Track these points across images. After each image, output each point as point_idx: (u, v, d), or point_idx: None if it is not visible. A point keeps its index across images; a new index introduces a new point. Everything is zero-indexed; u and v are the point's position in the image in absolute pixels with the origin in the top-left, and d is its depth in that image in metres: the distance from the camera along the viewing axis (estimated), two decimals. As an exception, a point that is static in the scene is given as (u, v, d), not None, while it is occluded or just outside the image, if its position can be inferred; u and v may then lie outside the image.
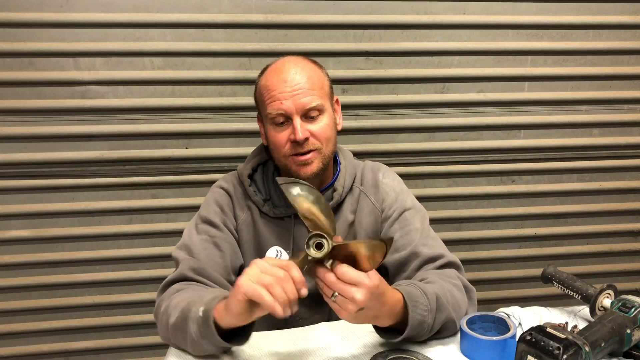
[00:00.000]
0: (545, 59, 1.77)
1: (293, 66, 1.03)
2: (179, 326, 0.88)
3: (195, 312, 0.84)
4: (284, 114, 1.00)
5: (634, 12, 1.76)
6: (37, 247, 1.69)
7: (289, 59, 1.06)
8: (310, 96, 1.00)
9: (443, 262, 1.03)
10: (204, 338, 0.84)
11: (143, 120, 1.64)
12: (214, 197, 1.12)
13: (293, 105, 0.99)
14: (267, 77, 1.04)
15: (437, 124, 1.77)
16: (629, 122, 1.86)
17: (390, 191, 1.12)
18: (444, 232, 1.84)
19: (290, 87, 1.00)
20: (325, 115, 1.03)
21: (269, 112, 1.02)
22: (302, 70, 1.02)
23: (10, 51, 1.54)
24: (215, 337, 0.82)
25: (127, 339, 1.78)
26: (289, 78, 1.00)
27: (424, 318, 0.85)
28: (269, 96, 1.02)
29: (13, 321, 1.72)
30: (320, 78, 1.05)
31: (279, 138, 1.03)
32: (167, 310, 0.93)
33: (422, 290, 0.88)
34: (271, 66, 1.07)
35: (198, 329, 0.84)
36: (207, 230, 1.06)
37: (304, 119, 1.01)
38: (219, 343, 0.83)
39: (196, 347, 0.87)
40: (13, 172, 1.63)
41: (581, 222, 1.93)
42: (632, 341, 0.84)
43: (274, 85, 1.01)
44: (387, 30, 1.68)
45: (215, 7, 1.60)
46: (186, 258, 1.02)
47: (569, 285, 1.02)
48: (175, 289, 0.97)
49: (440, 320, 0.90)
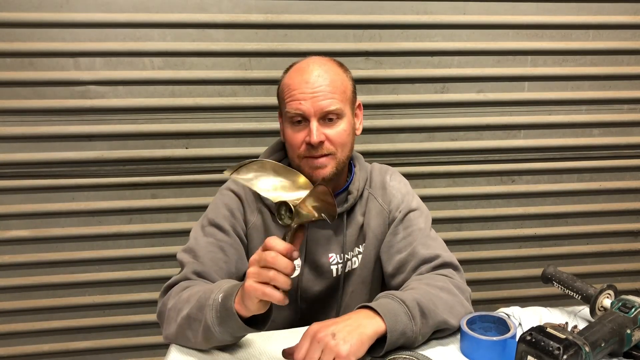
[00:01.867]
0: (545, 59, 1.77)
1: (317, 67, 1.01)
2: (193, 317, 0.87)
3: (215, 298, 0.83)
4: (302, 114, 0.99)
5: (634, 12, 1.76)
6: (37, 247, 1.69)
7: (314, 60, 1.04)
8: (330, 99, 0.99)
9: (439, 262, 1.03)
10: (221, 324, 0.82)
11: (143, 120, 1.64)
12: (223, 200, 1.09)
13: (312, 107, 0.98)
14: (291, 75, 1.03)
15: (437, 124, 1.77)
16: (629, 122, 1.86)
17: (397, 193, 1.12)
18: (444, 232, 1.84)
19: (310, 89, 0.98)
20: (343, 121, 1.02)
21: (288, 110, 1.01)
22: (326, 73, 1.01)
23: (10, 51, 1.54)
24: (236, 320, 0.80)
25: (127, 339, 1.78)
26: (311, 79, 0.99)
27: (404, 328, 0.85)
28: (289, 95, 1.01)
29: (13, 321, 1.72)
30: (344, 82, 1.04)
31: (295, 138, 1.02)
32: (177, 305, 0.92)
33: (401, 299, 0.88)
34: (296, 65, 1.06)
35: (216, 315, 0.82)
36: (214, 234, 1.04)
37: (322, 122, 1.00)
38: (238, 327, 0.81)
39: (209, 336, 0.85)
40: (13, 172, 1.63)
41: (581, 222, 1.93)
42: (632, 341, 0.84)
43: (295, 85, 1.00)
44: (387, 30, 1.68)
45: (215, 7, 1.60)
46: (191, 261, 1.01)
47: (569, 286, 1.02)
48: (182, 287, 0.96)
49: (430, 325, 0.89)
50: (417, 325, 0.86)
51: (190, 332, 0.89)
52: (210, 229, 1.05)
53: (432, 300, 0.91)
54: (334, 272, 1.09)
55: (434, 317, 0.89)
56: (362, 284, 1.12)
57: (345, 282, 1.11)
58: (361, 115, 1.12)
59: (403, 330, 0.84)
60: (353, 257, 1.11)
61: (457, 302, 0.95)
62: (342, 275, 1.09)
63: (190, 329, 0.89)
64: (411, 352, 0.88)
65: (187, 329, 0.89)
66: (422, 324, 0.87)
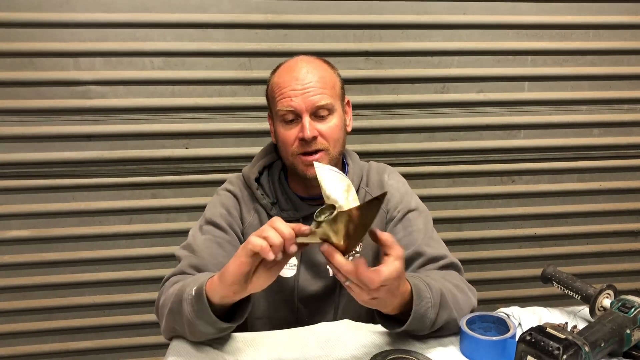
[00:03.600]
0: (545, 59, 1.77)
1: (305, 65, 1.03)
2: (175, 311, 0.88)
3: (189, 292, 0.85)
4: (294, 111, 1.00)
5: (634, 12, 1.76)
6: (37, 247, 1.69)
7: (302, 58, 1.06)
8: (320, 94, 1.00)
9: (445, 262, 1.04)
10: (198, 318, 0.83)
11: (143, 120, 1.64)
12: (220, 199, 1.11)
13: (303, 103, 1.00)
14: (280, 75, 1.05)
15: (437, 124, 1.77)
16: (629, 122, 1.86)
17: (395, 192, 1.13)
18: (444, 232, 1.84)
19: (301, 85, 1.00)
20: (334, 116, 1.04)
21: (279, 109, 1.02)
22: (314, 70, 1.03)
23: (10, 51, 1.55)
24: (209, 314, 0.81)
25: (127, 339, 1.78)
26: (300, 76, 1.01)
27: (426, 312, 0.86)
28: (280, 93, 1.02)
29: (13, 321, 1.72)
30: (332, 78, 1.05)
31: (287, 136, 1.03)
32: (165, 301, 0.93)
33: (427, 284, 0.89)
34: (284, 64, 1.07)
35: (192, 309, 0.83)
36: (211, 231, 1.06)
37: (314, 117, 1.01)
38: (213, 321, 0.82)
39: (193, 329, 0.86)
40: (13, 172, 1.63)
41: (581, 222, 1.93)
42: (631, 341, 0.84)
43: (285, 83, 1.02)
44: (387, 30, 1.68)
45: (215, 7, 1.60)
46: (188, 255, 1.02)
47: (569, 286, 1.02)
48: (172, 282, 0.97)
49: (443, 318, 0.90)
50: (435, 314, 0.87)
51: (178, 327, 0.90)
52: (207, 227, 1.07)
53: (451, 296, 0.93)
54: (331, 271, 1.09)
55: (449, 313, 0.91)
56: None
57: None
58: (350, 112, 1.13)
59: (424, 313, 0.85)
60: (350, 257, 1.11)
61: (467, 303, 0.97)
62: None
63: (176, 324, 0.90)
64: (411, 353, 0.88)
65: (175, 324, 0.90)
66: (438, 315, 0.88)
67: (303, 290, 1.09)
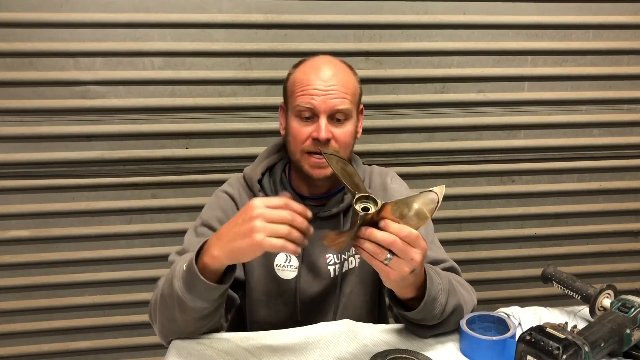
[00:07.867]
0: (545, 59, 1.77)
1: (332, 67, 1.04)
2: (166, 296, 0.87)
3: (180, 268, 0.85)
4: (312, 109, 1.00)
5: (634, 12, 1.76)
6: (37, 247, 1.69)
7: (329, 59, 1.07)
8: (342, 99, 1.01)
9: (446, 266, 1.05)
10: (189, 291, 0.82)
11: (143, 120, 1.64)
12: (217, 202, 1.11)
13: (323, 104, 1.00)
14: (305, 70, 1.04)
15: (437, 124, 1.77)
16: (629, 122, 1.86)
17: (398, 196, 1.13)
18: (444, 232, 1.84)
19: (324, 86, 1.00)
20: (350, 122, 1.04)
21: (298, 103, 1.02)
22: (340, 73, 1.03)
23: (10, 51, 1.54)
24: (199, 278, 0.81)
25: (127, 339, 1.78)
26: (326, 77, 1.01)
27: (437, 295, 0.86)
28: (302, 89, 1.02)
29: (13, 321, 1.72)
30: (354, 84, 1.06)
31: (300, 132, 1.03)
32: (156, 293, 0.93)
33: (435, 271, 0.90)
34: (309, 60, 1.07)
35: (184, 283, 0.83)
36: (205, 234, 1.05)
37: (330, 120, 1.01)
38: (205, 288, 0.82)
39: (183, 308, 0.85)
40: (13, 172, 1.63)
41: (581, 222, 1.93)
42: (631, 341, 0.84)
43: (309, 80, 1.01)
44: (387, 30, 1.68)
45: (215, 7, 1.60)
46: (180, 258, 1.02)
47: (569, 285, 1.02)
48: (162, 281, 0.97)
49: (452, 304, 0.90)
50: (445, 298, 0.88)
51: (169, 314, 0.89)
52: (202, 229, 1.07)
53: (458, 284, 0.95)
54: (332, 272, 1.09)
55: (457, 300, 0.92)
56: (360, 284, 1.12)
57: (342, 282, 1.11)
58: (361, 119, 1.13)
59: (435, 296, 0.86)
60: (350, 257, 1.11)
61: (470, 298, 0.99)
62: (340, 276, 1.10)
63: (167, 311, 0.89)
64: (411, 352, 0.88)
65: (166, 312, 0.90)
66: (447, 301, 0.89)
67: (303, 291, 1.09)
